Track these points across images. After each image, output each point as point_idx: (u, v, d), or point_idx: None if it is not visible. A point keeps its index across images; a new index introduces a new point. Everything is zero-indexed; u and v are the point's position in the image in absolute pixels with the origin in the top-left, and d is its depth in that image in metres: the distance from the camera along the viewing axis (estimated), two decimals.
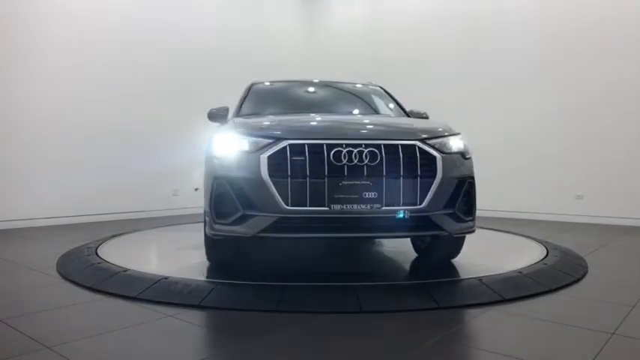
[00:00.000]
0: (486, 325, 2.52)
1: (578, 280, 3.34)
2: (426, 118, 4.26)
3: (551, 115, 6.81)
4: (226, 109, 4.14)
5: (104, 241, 4.69)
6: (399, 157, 2.99)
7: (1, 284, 3.35)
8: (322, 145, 2.96)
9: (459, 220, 3.15)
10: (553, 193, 6.77)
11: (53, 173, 6.19)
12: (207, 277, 3.31)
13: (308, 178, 2.91)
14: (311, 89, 4.91)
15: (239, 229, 2.99)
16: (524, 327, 2.48)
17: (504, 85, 7.21)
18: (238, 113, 4.21)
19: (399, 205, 2.98)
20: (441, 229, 3.10)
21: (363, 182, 2.93)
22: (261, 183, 2.92)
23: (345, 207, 2.91)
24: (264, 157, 2.95)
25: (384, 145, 3.00)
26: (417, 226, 3.10)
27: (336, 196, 2.91)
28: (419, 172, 3.01)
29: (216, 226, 3.08)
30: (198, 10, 7.81)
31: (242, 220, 2.98)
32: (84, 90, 6.48)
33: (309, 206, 2.91)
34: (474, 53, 7.50)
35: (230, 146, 3.12)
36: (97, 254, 3.97)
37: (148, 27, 7.13)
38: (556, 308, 2.78)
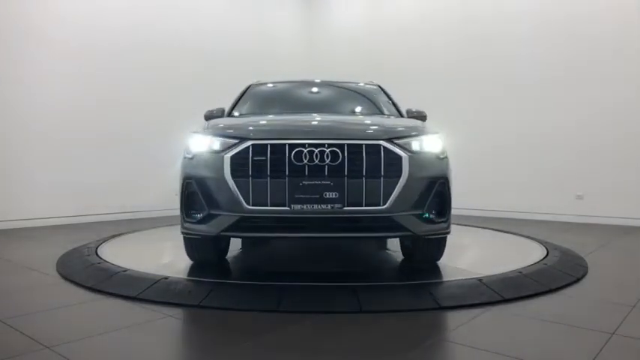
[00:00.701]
0: (486, 325, 2.52)
1: (578, 280, 3.33)
2: (424, 117, 4.25)
3: (551, 116, 6.80)
4: (222, 111, 4.17)
5: (104, 241, 4.69)
6: (362, 157, 2.98)
7: (1, 284, 3.35)
8: (284, 145, 2.98)
9: (428, 221, 3.12)
10: (553, 193, 6.77)
11: (53, 173, 6.19)
12: (206, 278, 3.30)
13: (269, 178, 2.94)
14: (305, 89, 4.88)
15: (204, 228, 3.09)
16: (524, 327, 2.48)
17: (504, 86, 7.20)
18: (228, 114, 4.24)
19: (361, 206, 2.97)
20: (407, 230, 3.07)
21: (323, 182, 2.93)
22: (224, 183, 2.99)
23: (305, 207, 2.93)
24: (227, 157, 3.01)
25: (347, 144, 2.99)
26: (381, 227, 3.08)
27: (296, 196, 2.92)
28: (382, 172, 2.99)
29: (186, 225, 3.19)
30: (198, 11, 7.81)
31: (207, 219, 3.07)
32: (84, 91, 6.48)
33: (270, 206, 2.95)
34: (475, 54, 7.50)
35: (199, 146, 3.20)
36: (97, 254, 3.97)
37: (148, 28, 7.13)
38: (556, 308, 2.78)
